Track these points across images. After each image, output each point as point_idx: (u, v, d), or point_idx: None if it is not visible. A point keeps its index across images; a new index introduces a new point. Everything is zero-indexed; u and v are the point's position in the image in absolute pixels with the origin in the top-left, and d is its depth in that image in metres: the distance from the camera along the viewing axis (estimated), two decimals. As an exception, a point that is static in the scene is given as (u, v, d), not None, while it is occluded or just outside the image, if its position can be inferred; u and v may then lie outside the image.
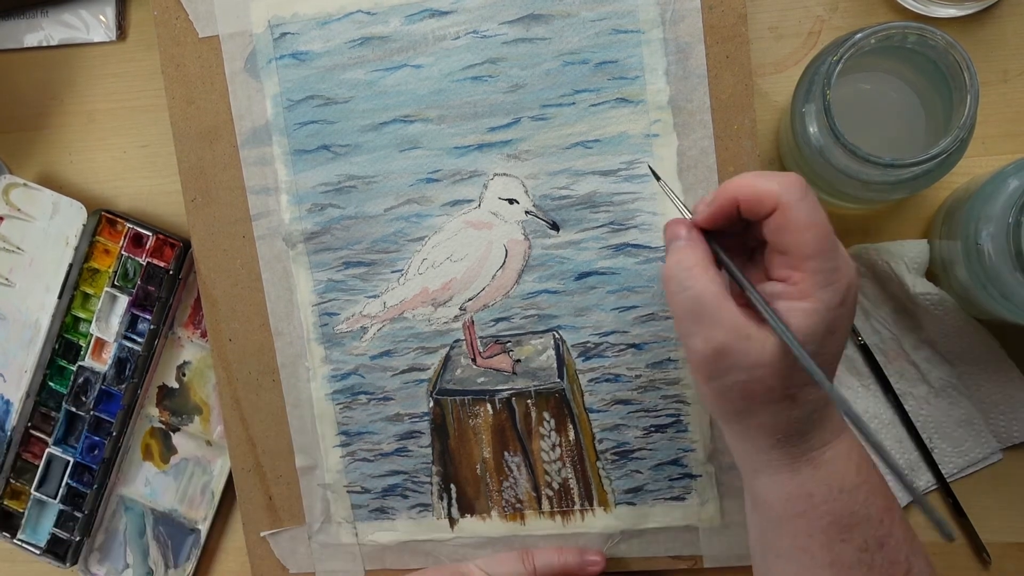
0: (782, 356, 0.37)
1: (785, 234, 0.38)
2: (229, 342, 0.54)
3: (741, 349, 0.38)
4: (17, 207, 0.56)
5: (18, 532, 0.58)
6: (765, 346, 0.37)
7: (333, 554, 0.55)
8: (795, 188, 0.38)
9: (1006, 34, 0.50)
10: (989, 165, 0.49)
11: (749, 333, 0.38)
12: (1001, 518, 0.51)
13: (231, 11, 0.52)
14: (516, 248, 0.51)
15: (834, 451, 0.40)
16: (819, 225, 0.37)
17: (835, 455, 0.39)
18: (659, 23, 0.48)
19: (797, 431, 0.39)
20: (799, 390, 0.38)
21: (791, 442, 0.40)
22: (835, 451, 0.40)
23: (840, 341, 0.39)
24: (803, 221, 0.37)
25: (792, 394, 0.38)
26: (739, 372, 0.38)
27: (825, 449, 0.40)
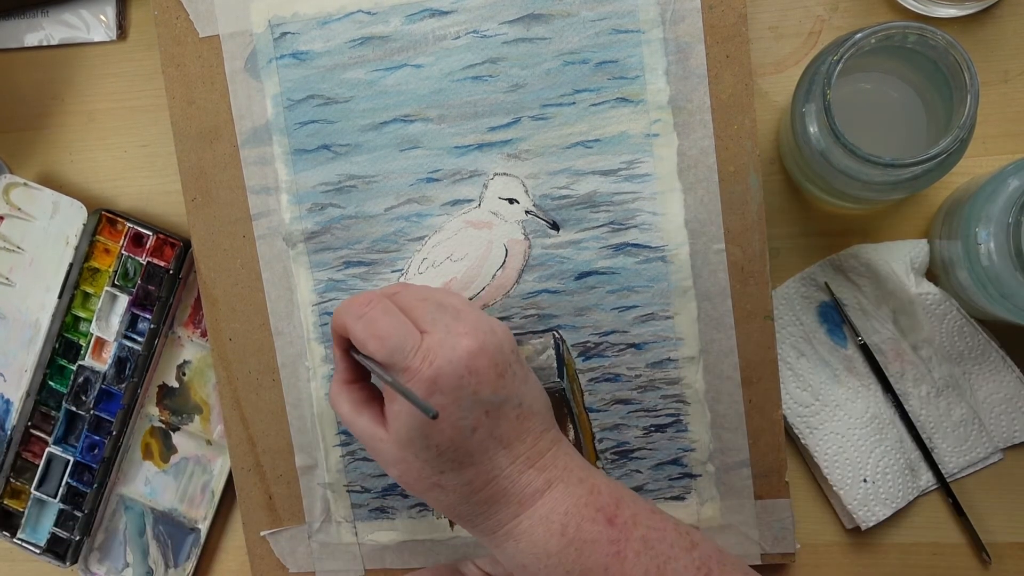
0: (406, 453, 0.41)
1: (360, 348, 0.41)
2: (229, 341, 0.54)
3: (379, 451, 0.42)
4: (17, 206, 0.56)
5: (18, 531, 0.58)
6: (391, 447, 0.41)
7: (333, 553, 0.55)
8: (353, 311, 0.41)
9: (1006, 34, 0.50)
10: (989, 165, 0.49)
11: (381, 437, 0.42)
12: (1001, 518, 0.51)
13: (231, 11, 0.52)
14: (516, 248, 0.51)
15: (530, 520, 0.41)
16: (375, 337, 0.40)
17: (532, 524, 0.41)
18: (659, 23, 0.48)
19: (472, 512, 0.42)
20: (440, 477, 0.41)
21: (475, 522, 0.42)
22: (531, 520, 0.41)
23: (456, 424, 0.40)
24: (360, 337, 0.41)
25: (437, 482, 0.41)
26: (390, 468, 0.42)
27: (519, 520, 0.41)
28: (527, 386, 0.42)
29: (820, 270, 0.51)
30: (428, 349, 0.40)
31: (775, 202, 0.52)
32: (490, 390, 0.40)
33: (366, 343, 0.41)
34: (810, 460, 0.52)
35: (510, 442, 0.41)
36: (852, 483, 0.50)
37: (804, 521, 0.52)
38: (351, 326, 0.41)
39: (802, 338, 0.52)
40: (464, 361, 0.40)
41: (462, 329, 0.40)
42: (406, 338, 0.40)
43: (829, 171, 0.44)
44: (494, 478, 0.41)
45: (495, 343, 0.41)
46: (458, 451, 0.40)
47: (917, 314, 0.50)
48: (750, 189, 0.48)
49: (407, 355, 0.39)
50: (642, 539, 0.40)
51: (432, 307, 0.41)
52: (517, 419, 0.41)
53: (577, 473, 0.42)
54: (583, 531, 0.40)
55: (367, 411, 0.43)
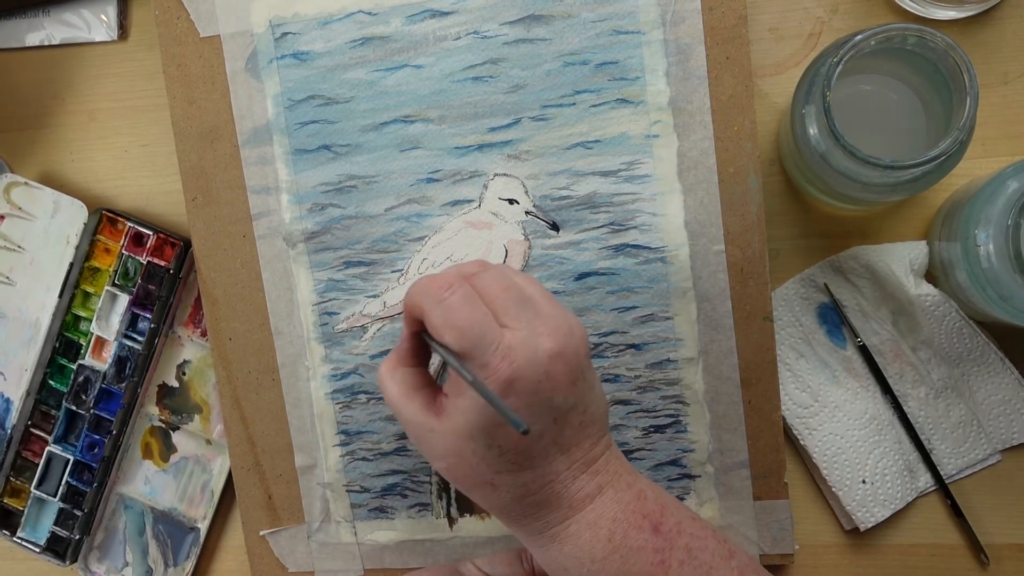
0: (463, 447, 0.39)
1: (434, 336, 0.39)
2: (229, 341, 0.54)
3: (428, 441, 0.40)
4: (18, 206, 0.56)
5: (18, 530, 0.58)
6: (446, 439, 0.39)
7: (332, 553, 0.55)
8: (431, 294, 0.39)
9: (1006, 36, 0.50)
10: (989, 167, 0.49)
11: (432, 428, 0.39)
12: (1000, 519, 0.51)
13: (232, 11, 0.52)
14: (516, 248, 0.51)
15: (578, 524, 0.40)
16: (454, 327, 0.38)
17: (579, 528, 0.40)
18: (660, 24, 0.48)
19: (520, 512, 0.40)
20: (495, 477, 0.39)
21: (522, 522, 0.41)
22: (579, 524, 0.40)
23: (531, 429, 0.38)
24: (436, 325, 0.38)
25: (490, 481, 0.40)
26: (436, 460, 0.40)
27: (568, 524, 0.40)
28: (594, 392, 0.40)
29: (819, 271, 0.51)
30: (509, 348, 0.37)
31: (775, 203, 0.52)
32: (562, 396, 0.38)
33: (443, 332, 0.38)
34: (809, 461, 0.52)
35: (569, 448, 0.40)
36: (851, 484, 0.50)
37: (803, 522, 0.52)
38: (429, 311, 0.39)
39: (801, 339, 0.52)
40: (544, 365, 0.38)
41: (544, 329, 0.38)
42: (486, 332, 0.37)
43: (829, 172, 0.44)
44: (549, 482, 0.40)
45: (574, 347, 0.39)
46: (520, 454, 0.39)
47: (916, 315, 0.50)
48: (750, 190, 0.48)
49: (486, 351, 0.37)
50: (686, 548, 0.39)
51: (515, 299, 0.39)
52: (580, 425, 0.40)
53: (626, 478, 0.41)
54: (629, 538, 0.39)
55: (419, 397, 0.41)
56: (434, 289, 0.39)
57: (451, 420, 0.39)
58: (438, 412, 0.40)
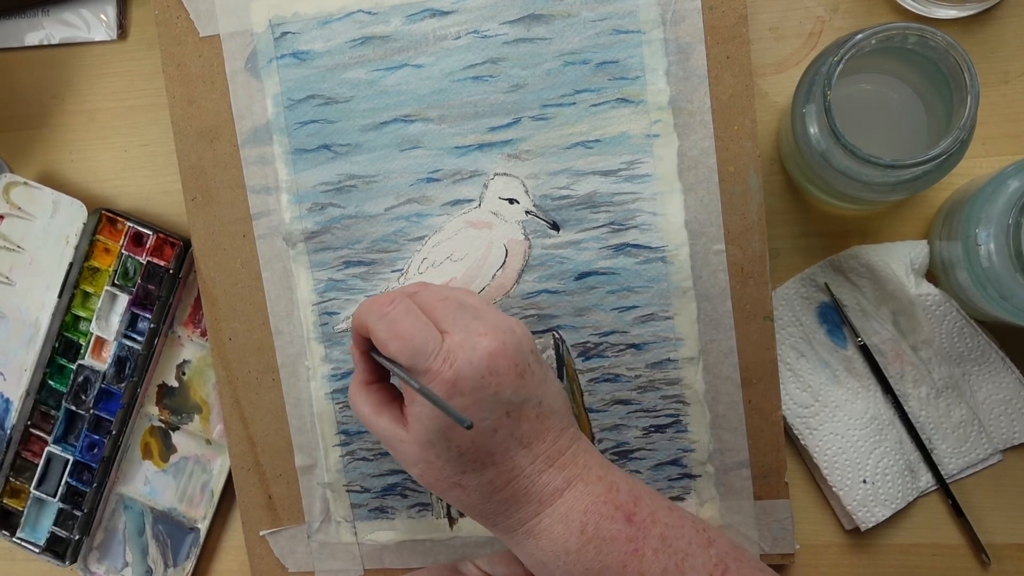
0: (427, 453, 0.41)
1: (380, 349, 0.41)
2: (229, 341, 0.54)
3: (401, 452, 0.42)
4: (18, 206, 0.56)
5: (17, 530, 0.58)
6: (412, 447, 0.41)
7: (332, 553, 0.55)
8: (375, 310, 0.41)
9: (1006, 35, 0.50)
10: (989, 166, 0.49)
11: (402, 437, 0.42)
12: (1001, 519, 0.51)
13: (232, 10, 0.52)
14: (516, 248, 0.51)
15: (550, 519, 0.41)
16: (397, 338, 0.40)
17: (552, 522, 0.41)
18: (660, 23, 0.48)
19: (492, 510, 0.42)
20: (461, 477, 0.41)
21: (494, 521, 0.42)
22: (551, 519, 0.41)
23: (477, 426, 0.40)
24: (381, 337, 0.41)
25: (457, 482, 0.41)
26: (411, 468, 0.42)
27: (540, 519, 0.41)
28: (546, 385, 0.42)
29: (820, 271, 0.51)
30: (449, 351, 0.39)
31: (775, 203, 0.52)
32: (510, 390, 0.40)
33: (387, 344, 0.40)
34: (809, 461, 0.52)
35: (530, 442, 0.41)
36: (852, 484, 0.50)
37: (803, 522, 0.52)
38: (373, 325, 0.41)
39: (802, 339, 0.52)
40: (485, 362, 0.39)
41: (482, 329, 0.40)
42: (427, 340, 0.40)
43: (829, 172, 0.44)
44: (515, 477, 0.41)
45: (514, 342, 0.40)
46: (479, 452, 0.40)
47: (917, 315, 0.50)
48: (750, 190, 0.48)
49: (428, 357, 0.39)
50: (660, 536, 0.40)
51: (452, 307, 0.41)
52: (537, 418, 0.41)
53: (596, 471, 0.42)
54: (602, 529, 0.40)
55: (387, 412, 0.43)
56: (377, 305, 0.41)
57: (412, 429, 0.41)
58: (404, 423, 0.42)
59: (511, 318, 0.42)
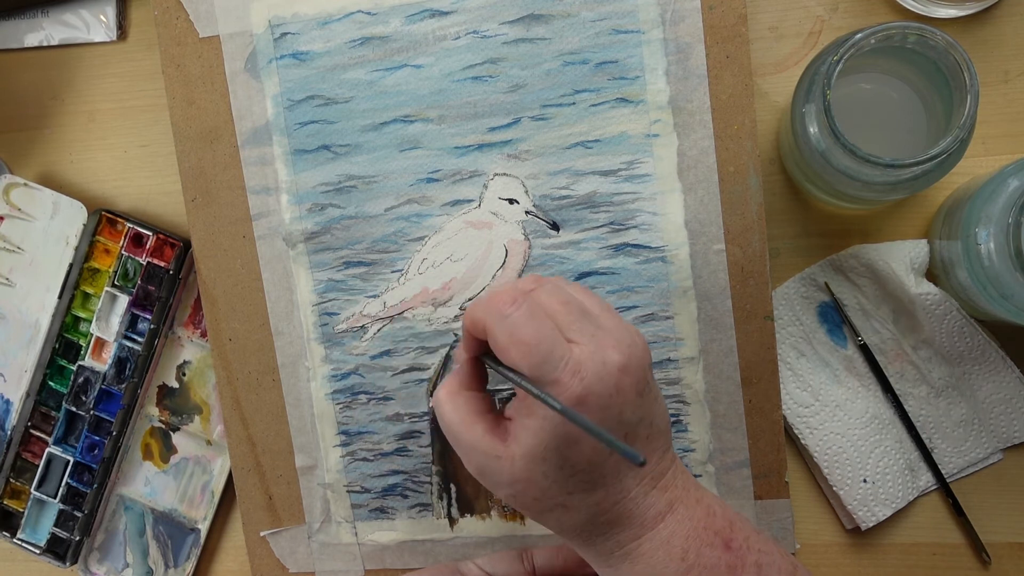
0: (533, 470, 0.38)
1: (499, 354, 0.38)
2: (229, 342, 0.54)
3: (494, 468, 0.38)
4: (17, 207, 0.56)
5: (18, 531, 0.58)
6: (515, 464, 0.38)
7: (333, 554, 0.55)
8: (495, 310, 0.37)
9: (1006, 34, 0.50)
10: (989, 165, 0.49)
11: (498, 454, 0.38)
12: (1001, 518, 0.51)
13: (231, 11, 0.52)
14: (516, 248, 0.51)
15: (651, 543, 0.39)
16: (522, 344, 0.36)
17: (652, 547, 0.39)
18: (659, 23, 0.48)
19: (592, 532, 0.39)
20: (567, 498, 0.38)
21: (592, 542, 0.40)
22: (652, 543, 0.39)
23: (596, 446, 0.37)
24: (502, 342, 0.37)
25: (562, 503, 0.39)
26: (502, 488, 0.39)
27: (640, 543, 0.39)
28: (658, 404, 0.39)
29: (820, 270, 0.51)
30: (578, 363, 0.36)
31: (775, 202, 0.52)
32: (631, 410, 0.37)
33: (509, 351, 0.37)
34: (810, 460, 0.52)
35: None
36: (852, 483, 0.50)
37: (804, 521, 0.52)
38: (494, 327, 0.37)
39: (802, 338, 0.52)
40: (614, 379, 0.36)
41: (609, 342, 0.37)
42: (554, 347, 0.36)
43: (829, 171, 0.44)
44: (621, 500, 0.39)
45: (638, 359, 0.38)
46: (593, 472, 0.38)
47: (917, 314, 0.50)
48: (750, 189, 0.48)
49: (556, 367, 0.36)
50: (756, 564, 0.39)
51: (576, 312, 0.38)
52: (647, 439, 0.39)
53: (694, 493, 0.40)
54: (703, 556, 0.38)
55: (482, 422, 0.39)
56: (498, 305, 0.37)
57: (519, 444, 0.38)
58: (503, 437, 0.39)
59: (633, 328, 0.39)
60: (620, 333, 0.38)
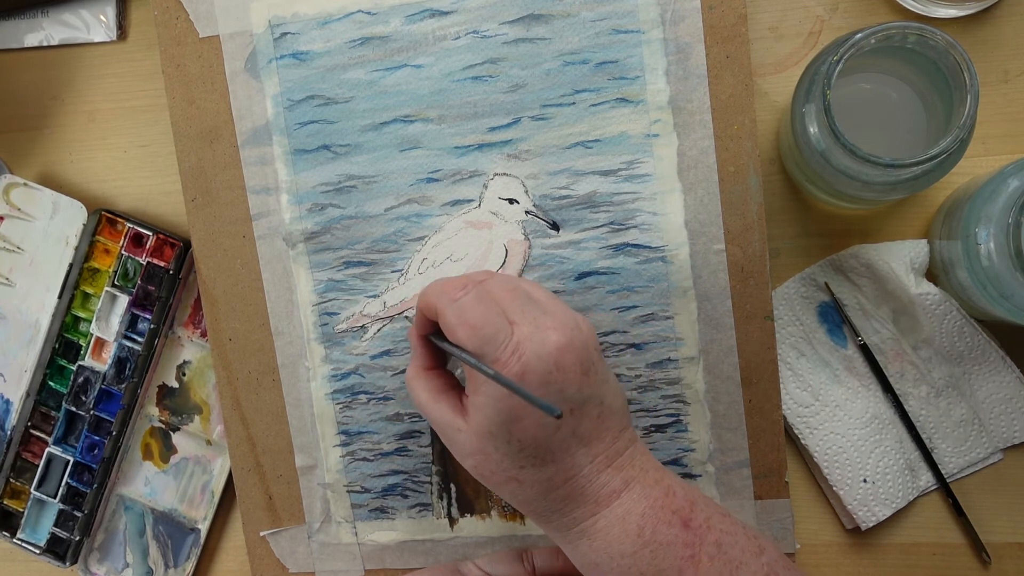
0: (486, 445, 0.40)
1: (448, 334, 0.40)
2: (229, 342, 0.54)
3: (457, 441, 0.41)
4: (17, 207, 0.56)
5: (18, 531, 0.58)
6: (471, 437, 0.40)
7: (333, 553, 0.55)
8: (446, 294, 0.40)
9: (1006, 34, 0.50)
10: (989, 165, 0.49)
11: (459, 426, 0.41)
12: (1001, 518, 0.51)
13: (231, 11, 0.52)
14: (516, 248, 0.51)
15: (606, 520, 0.40)
16: (467, 325, 0.39)
17: (608, 524, 0.40)
18: (659, 23, 0.48)
19: (547, 507, 0.41)
20: (519, 472, 0.40)
21: (551, 519, 0.42)
22: (607, 520, 0.40)
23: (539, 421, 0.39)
24: (451, 323, 0.40)
25: (515, 476, 0.41)
26: (466, 458, 0.41)
27: (596, 519, 0.40)
28: (608, 385, 0.41)
29: (820, 270, 0.51)
30: (518, 343, 0.39)
31: (775, 202, 0.52)
32: (575, 387, 0.39)
33: (456, 330, 0.39)
34: (810, 460, 0.52)
35: (590, 441, 0.40)
36: (852, 483, 0.50)
37: (804, 521, 0.52)
38: (444, 310, 0.40)
39: (802, 338, 0.52)
40: (553, 356, 0.39)
41: (550, 324, 0.39)
42: (498, 330, 0.39)
43: (829, 171, 0.44)
44: (573, 476, 0.40)
45: (581, 340, 0.40)
46: (539, 447, 0.40)
47: (917, 314, 0.50)
48: (750, 189, 0.48)
49: (498, 347, 0.38)
50: (715, 543, 0.40)
51: (521, 298, 0.40)
52: (598, 417, 0.40)
53: (653, 474, 0.41)
54: (659, 533, 0.40)
55: (445, 399, 0.42)
56: (450, 290, 0.40)
57: (471, 420, 0.40)
58: (463, 412, 0.41)
59: (577, 314, 0.41)
60: (563, 317, 0.40)
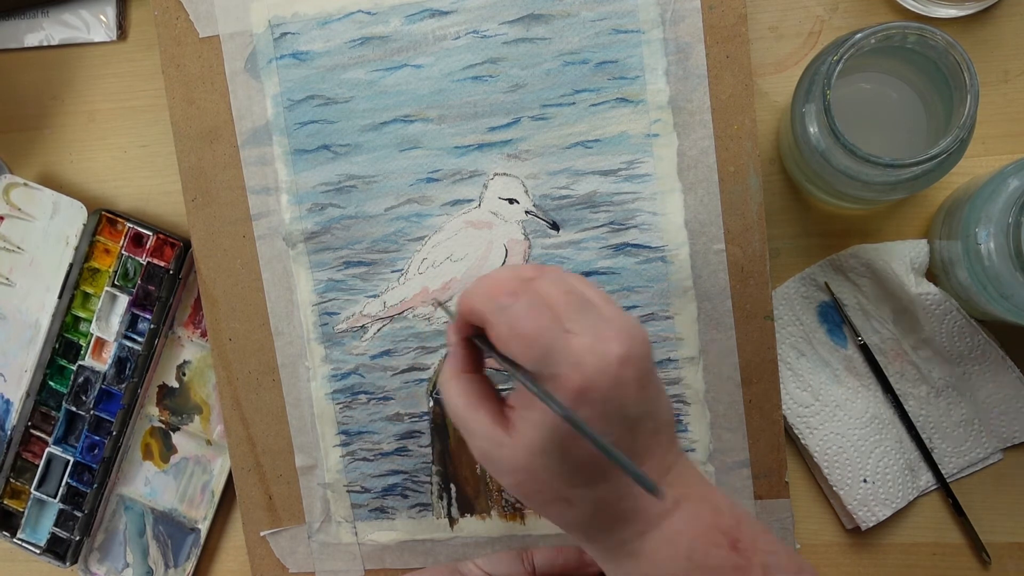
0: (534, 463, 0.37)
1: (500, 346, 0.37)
2: (229, 341, 0.54)
3: (496, 456, 0.37)
4: (17, 207, 0.56)
5: (18, 531, 0.58)
6: (516, 454, 0.37)
7: (333, 553, 0.55)
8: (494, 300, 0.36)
9: (1006, 34, 0.50)
10: (989, 165, 0.49)
11: (502, 441, 0.37)
12: (1001, 518, 0.51)
13: (231, 11, 0.52)
14: (516, 248, 0.51)
15: (655, 541, 0.38)
16: (522, 337, 0.35)
17: (657, 544, 0.38)
18: (659, 23, 0.48)
19: (595, 527, 0.38)
20: (570, 492, 0.37)
21: (595, 538, 0.39)
22: (656, 540, 0.38)
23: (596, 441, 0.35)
24: (503, 334, 0.36)
25: (564, 496, 0.37)
26: (505, 476, 0.38)
27: (644, 540, 0.38)
28: (661, 397, 0.38)
29: (820, 270, 0.51)
30: (578, 355, 0.35)
31: (775, 202, 0.52)
32: (633, 403, 0.36)
33: (509, 343, 0.36)
34: (810, 460, 0.52)
35: (644, 458, 0.38)
36: (852, 483, 0.50)
37: (804, 521, 0.52)
38: (492, 319, 0.36)
39: (802, 338, 0.52)
40: (615, 371, 0.35)
41: (610, 333, 0.36)
42: (555, 341, 0.35)
43: (829, 171, 0.44)
44: (625, 495, 0.38)
45: (640, 350, 0.36)
46: (596, 467, 0.37)
47: (917, 314, 0.50)
48: (750, 189, 0.48)
49: (556, 361, 0.35)
50: (762, 566, 0.38)
51: (577, 302, 0.37)
52: (652, 433, 0.38)
53: (699, 490, 0.39)
54: (709, 556, 0.37)
55: (485, 408, 0.38)
56: (498, 294, 0.36)
57: (520, 435, 0.37)
58: (506, 425, 0.37)
59: (633, 318, 0.37)
60: (621, 323, 0.37)
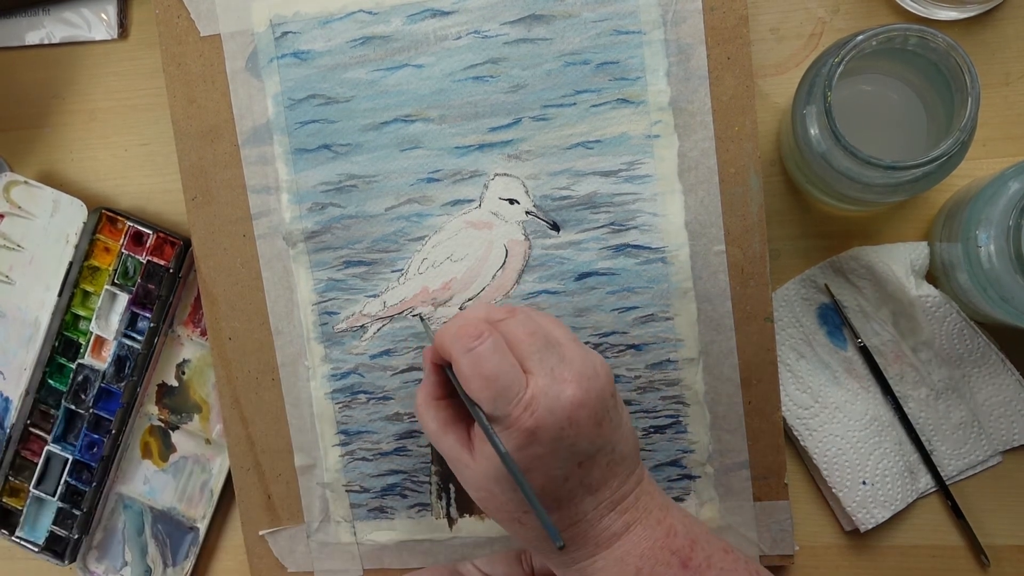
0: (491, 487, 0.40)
1: (462, 383, 0.40)
2: (229, 341, 0.54)
3: (463, 475, 0.41)
4: (18, 205, 0.56)
5: (16, 529, 0.58)
6: (477, 476, 0.40)
7: (331, 553, 0.55)
8: (460, 340, 0.39)
9: (1007, 37, 0.50)
10: (990, 167, 0.49)
11: (468, 463, 0.41)
12: (1000, 521, 0.51)
13: (233, 10, 0.52)
14: (516, 248, 0.51)
15: (604, 561, 0.40)
16: (481, 377, 0.38)
17: (606, 564, 0.40)
18: (660, 24, 0.48)
19: (549, 548, 0.41)
20: (523, 515, 0.40)
21: (548, 556, 0.42)
22: (606, 561, 0.40)
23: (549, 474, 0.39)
24: (465, 373, 0.39)
25: (517, 519, 0.40)
26: (471, 491, 0.41)
27: (594, 560, 0.40)
28: (621, 431, 0.41)
29: (820, 272, 0.51)
30: (532, 397, 0.38)
31: (776, 204, 0.52)
32: (587, 441, 0.39)
33: (470, 382, 0.39)
34: (809, 462, 0.52)
35: (597, 488, 0.40)
36: (851, 485, 0.50)
37: (803, 523, 0.52)
38: (458, 359, 0.39)
39: (802, 340, 0.52)
40: (567, 412, 0.38)
41: (567, 375, 0.38)
42: (511, 383, 0.38)
43: (830, 173, 0.44)
44: (577, 522, 0.40)
45: (597, 391, 0.39)
46: (546, 497, 0.39)
47: (917, 316, 0.50)
48: (750, 190, 0.48)
49: (511, 402, 0.38)
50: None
51: (539, 344, 0.39)
52: (607, 466, 0.40)
53: (656, 514, 0.41)
54: (657, 574, 0.39)
55: (453, 431, 0.42)
56: (465, 337, 0.39)
57: (477, 462, 0.40)
58: (471, 448, 0.41)
59: (596, 357, 0.40)
60: (580, 365, 0.39)
